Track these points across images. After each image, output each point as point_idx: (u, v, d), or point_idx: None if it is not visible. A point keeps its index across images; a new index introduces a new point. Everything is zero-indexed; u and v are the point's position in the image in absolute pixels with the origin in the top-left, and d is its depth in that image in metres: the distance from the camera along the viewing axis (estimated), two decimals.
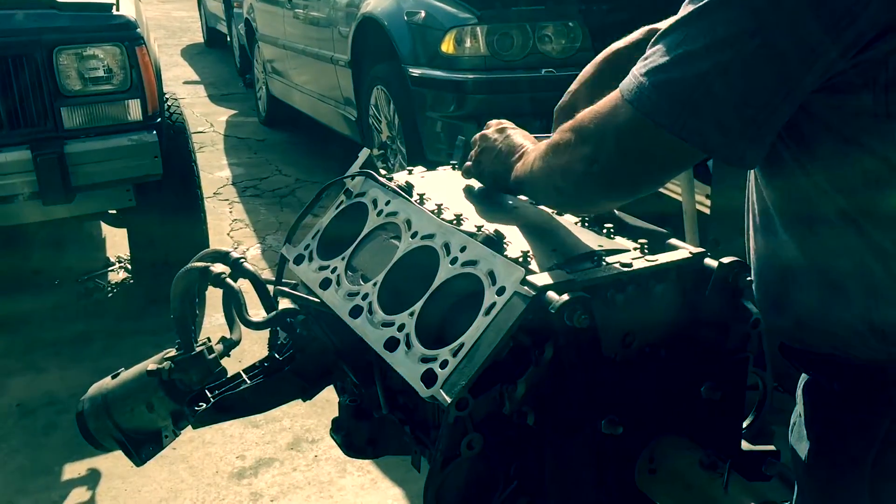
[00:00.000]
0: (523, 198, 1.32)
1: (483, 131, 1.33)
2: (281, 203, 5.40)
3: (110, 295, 4.15)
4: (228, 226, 5.02)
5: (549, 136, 1.15)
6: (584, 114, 1.03)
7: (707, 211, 2.92)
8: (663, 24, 1.01)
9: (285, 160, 6.35)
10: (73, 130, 3.34)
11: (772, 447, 1.15)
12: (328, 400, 1.54)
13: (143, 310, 3.82)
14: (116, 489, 2.67)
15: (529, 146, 1.21)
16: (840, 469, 1.10)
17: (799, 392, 1.19)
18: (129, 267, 4.27)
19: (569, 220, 1.21)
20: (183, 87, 8.90)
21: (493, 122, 1.33)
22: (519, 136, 1.27)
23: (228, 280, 1.32)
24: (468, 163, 1.34)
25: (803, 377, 1.18)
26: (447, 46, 3.79)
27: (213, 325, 3.51)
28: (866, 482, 1.06)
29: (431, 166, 1.51)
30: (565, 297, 0.92)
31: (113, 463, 2.74)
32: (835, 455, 1.11)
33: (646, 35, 1.28)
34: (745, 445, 1.14)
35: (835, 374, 1.10)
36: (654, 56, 0.95)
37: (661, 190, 3.24)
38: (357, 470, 2.70)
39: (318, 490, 2.64)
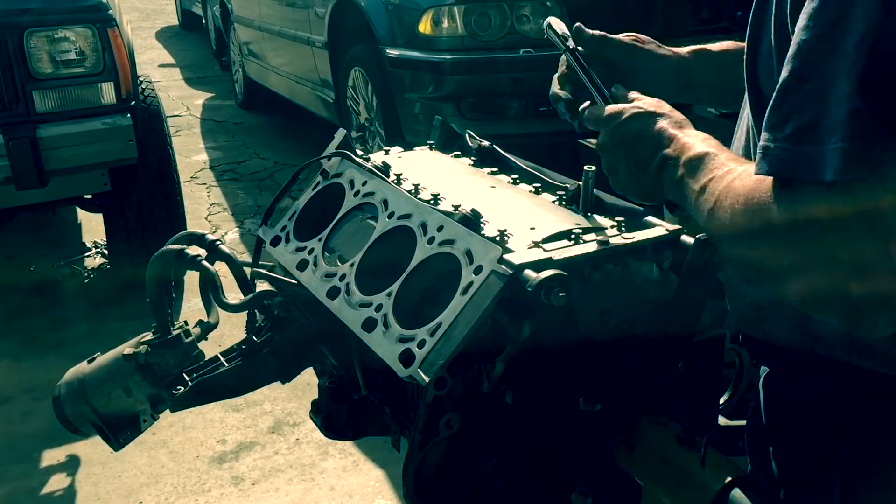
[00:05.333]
0: (502, 177, 1.32)
1: (610, 108, 1.03)
2: (259, 186, 5.37)
3: (87, 280, 4.11)
4: (206, 210, 4.98)
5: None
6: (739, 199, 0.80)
7: None
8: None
9: (263, 143, 6.31)
10: (46, 114, 3.29)
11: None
12: (309, 383, 1.53)
13: (120, 295, 3.79)
14: (96, 475, 2.66)
15: (713, 154, 0.92)
16: (808, 476, 1.00)
17: (759, 387, 1.08)
18: (106, 252, 4.22)
19: (546, 199, 1.21)
20: (158, 70, 8.79)
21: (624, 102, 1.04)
22: (696, 137, 0.96)
23: (204, 262, 1.31)
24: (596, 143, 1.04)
25: (763, 370, 1.08)
26: (425, 27, 3.76)
27: (193, 309, 3.49)
28: (836, 489, 0.96)
29: (410, 147, 1.50)
30: (542, 274, 0.92)
31: (92, 449, 2.72)
32: (802, 460, 1.00)
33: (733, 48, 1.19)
34: (721, 421, 1.16)
35: (802, 370, 0.99)
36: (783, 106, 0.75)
37: None
38: (339, 452, 2.71)
39: (299, 473, 2.64)
